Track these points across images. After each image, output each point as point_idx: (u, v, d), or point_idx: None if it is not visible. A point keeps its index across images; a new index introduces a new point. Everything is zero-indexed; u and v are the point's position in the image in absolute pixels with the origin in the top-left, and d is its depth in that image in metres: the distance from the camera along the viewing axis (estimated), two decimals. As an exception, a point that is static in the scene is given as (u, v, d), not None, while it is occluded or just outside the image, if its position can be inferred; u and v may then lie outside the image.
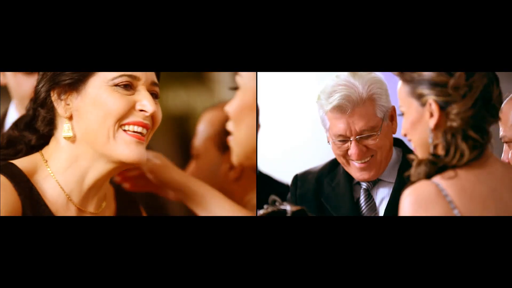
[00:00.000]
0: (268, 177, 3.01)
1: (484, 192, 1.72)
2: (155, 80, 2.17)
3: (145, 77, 2.14)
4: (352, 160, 2.45)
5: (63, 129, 2.12)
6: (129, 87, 2.11)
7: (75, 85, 2.11)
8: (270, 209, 2.00)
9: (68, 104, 2.12)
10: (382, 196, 2.51)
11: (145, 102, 2.10)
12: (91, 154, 2.12)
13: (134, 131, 2.10)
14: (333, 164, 2.59)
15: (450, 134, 1.79)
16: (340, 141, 2.43)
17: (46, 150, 2.17)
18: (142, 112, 2.10)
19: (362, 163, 2.44)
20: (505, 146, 2.32)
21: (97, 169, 2.13)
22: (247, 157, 1.98)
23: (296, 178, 2.68)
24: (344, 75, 2.45)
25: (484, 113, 1.79)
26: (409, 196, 1.73)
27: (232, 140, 2.08)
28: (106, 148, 2.09)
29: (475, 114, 1.78)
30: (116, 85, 2.09)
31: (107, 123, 2.08)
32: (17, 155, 2.16)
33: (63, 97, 2.12)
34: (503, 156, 2.31)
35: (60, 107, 2.12)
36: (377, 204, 2.51)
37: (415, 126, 1.87)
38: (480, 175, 1.74)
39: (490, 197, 1.72)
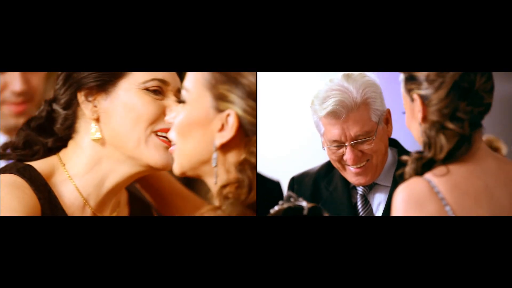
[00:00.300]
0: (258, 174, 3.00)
1: (478, 188, 1.70)
2: (180, 87, 2.17)
3: (173, 83, 2.14)
4: (348, 165, 2.43)
5: (91, 131, 2.10)
6: (158, 92, 2.12)
7: (104, 87, 2.10)
8: (285, 205, 1.99)
9: (96, 106, 2.10)
10: (379, 201, 2.49)
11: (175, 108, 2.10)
12: (115, 157, 2.11)
13: (163, 137, 2.10)
14: (330, 166, 2.57)
15: (429, 127, 1.78)
16: (335, 146, 2.41)
17: (64, 153, 2.15)
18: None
19: (358, 167, 2.42)
20: None
21: (120, 173, 2.12)
22: (192, 168, 1.98)
23: (293, 180, 2.66)
24: (337, 79, 2.42)
25: (459, 103, 1.77)
26: (401, 193, 1.72)
27: (175, 151, 2.06)
28: (136, 151, 2.09)
29: (450, 103, 1.76)
30: (147, 89, 2.09)
31: (139, 127, 2.08)
32: (34, 157, 2.15)
33: (90, 98, 2.11)
34: None
35: (87, 109, 2.11)
36: (374, 210, 2.49)
37: (410, 122, 1.87)
38: (474, 171, 1.72)
39: (483, 194, 1.70)
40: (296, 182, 2.64)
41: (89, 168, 2.12)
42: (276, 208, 1.98)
